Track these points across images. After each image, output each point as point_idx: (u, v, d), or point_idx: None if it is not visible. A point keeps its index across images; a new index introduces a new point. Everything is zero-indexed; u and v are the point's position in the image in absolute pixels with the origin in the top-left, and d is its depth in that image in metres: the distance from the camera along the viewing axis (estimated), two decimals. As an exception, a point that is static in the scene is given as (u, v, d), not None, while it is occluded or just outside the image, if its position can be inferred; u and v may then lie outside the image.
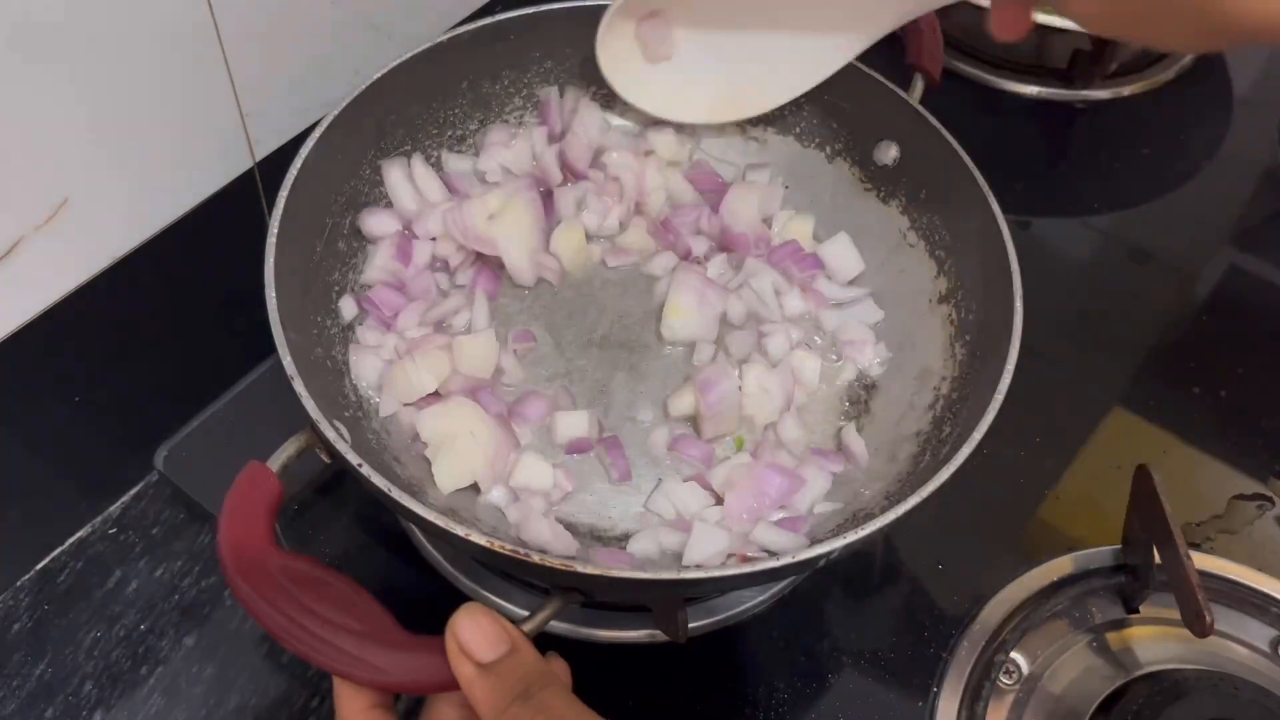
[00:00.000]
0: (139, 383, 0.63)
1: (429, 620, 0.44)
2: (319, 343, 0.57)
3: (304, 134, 0.58)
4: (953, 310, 0.62)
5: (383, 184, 0.64)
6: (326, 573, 0.43)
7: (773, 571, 0.46)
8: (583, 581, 0.46)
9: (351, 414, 0.56)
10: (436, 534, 0.46)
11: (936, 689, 0.60)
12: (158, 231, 0.59)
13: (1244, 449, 0.73)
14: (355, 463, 0.46)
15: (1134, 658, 0.61)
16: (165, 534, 0.64)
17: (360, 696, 0.42)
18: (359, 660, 0.41)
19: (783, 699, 0.60)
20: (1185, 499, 0.68)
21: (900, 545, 0.67)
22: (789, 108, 0.70)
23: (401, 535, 0.64)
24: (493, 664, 0.40)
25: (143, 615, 0.61)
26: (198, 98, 0.57)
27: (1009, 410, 0.51)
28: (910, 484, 0.54)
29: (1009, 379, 0.52)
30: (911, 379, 0.62)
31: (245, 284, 0.51)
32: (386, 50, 0.62)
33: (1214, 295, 0.84)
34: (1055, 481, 0.70)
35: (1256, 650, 0.62)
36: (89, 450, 0.64)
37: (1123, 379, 0.78)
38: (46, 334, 0.55)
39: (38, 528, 0.63)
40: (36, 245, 0.52)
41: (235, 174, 0.62)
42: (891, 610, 0.64)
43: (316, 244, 0.59)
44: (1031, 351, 0.53)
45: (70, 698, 0.58)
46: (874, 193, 0.68)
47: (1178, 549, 0.58)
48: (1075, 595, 0.64)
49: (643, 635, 0.61)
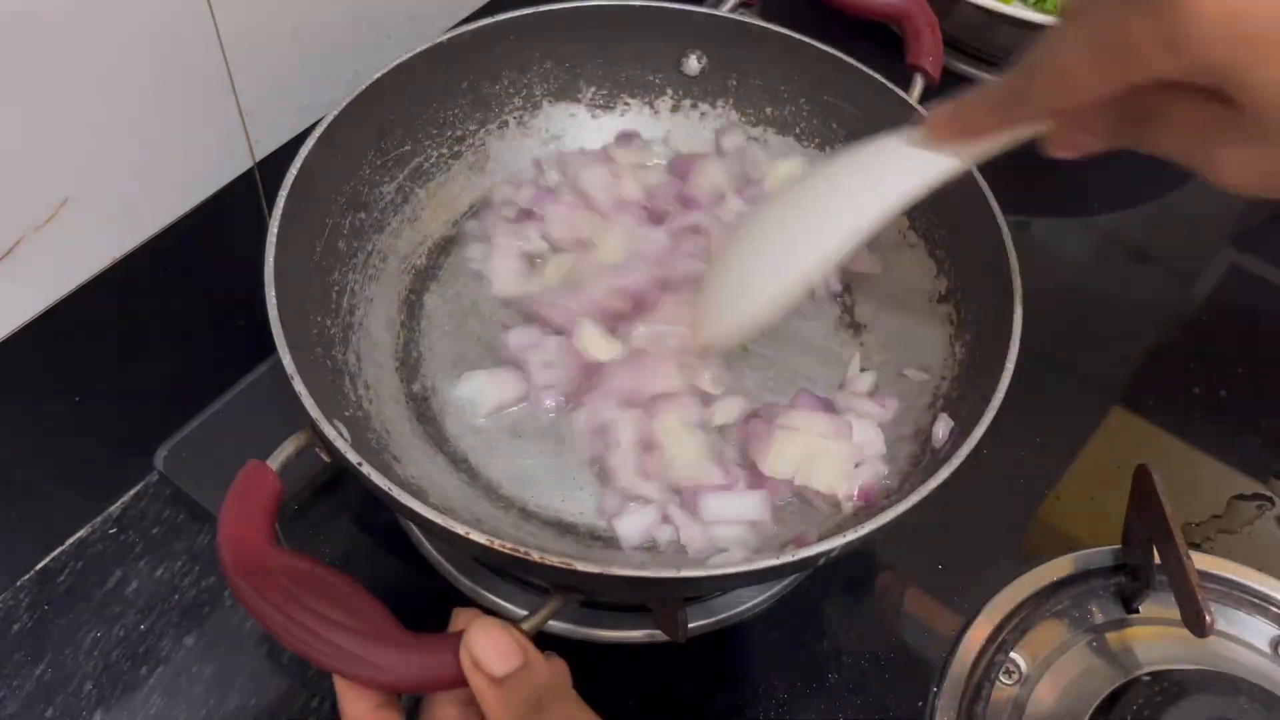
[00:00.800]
0: (139, 383, 0.63)
1: (429, 620, 0.44)
2: (319, 343, 0.57)
3: (304, 134, 0.58)
4: (953, 310, 0.62)
5: (382, 185, 0.65)
6: (327, 573, 0.43)
7: (773, 571, 0.46)
8: (583, 581, 0.46)
9: (351, 414, 0.56)
10: (436, 534, 0.46)
11: (936, 689, 0.60)
12: (158, 231, 0.59)
13: (1244, 449, 0.73)
14: (355, 462, 0.46)
15: (1134, 658, 0.61)
16: (165, 534, 0.64)
17: (366, 697, 0.42)
18: (359, 660, 0.41)
19: (783, 699, 0.60)
20: (1185, 499, 0.68)
21: (900, 545, 0.67)
22: (789, 107, 0.70)
23: (401, 535, 0.64)
24: (506, 677, 0.41)
25: (143, 615, 0.61)
26: (198, 98, 0.57)
27: (1009, 410, 0.51)
28: (910, 484, 0.54)
29: (1009, 379, 0.52)
30: (911, 379, 0.62)
31: (245, 284, 0.51)
32: (386, 50, 0.62)
33: (1214, 295, 0.84)
34: (1055, 481, 0.70)
35: (1256, 650, 0.62)
36: (89, 450, 0.64)
37: (1123, 379, 0.78)
38: (46, 334, 0.55)
39: (38, 528, 0.63)
40: (36, 245, 0.52)
41: (235, 174, 0.62)
42: (891, 610, 0.64)
43: (316, 244, 0.59)
44: (1031, 351, 0.53)
45: (70, 698, 0.58)
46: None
47: (1178, 549, 0.58)
48: (1075, 595, 0.64)
49: (643, 635, 0.61)
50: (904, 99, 0.65)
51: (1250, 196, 0.37)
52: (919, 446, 0.58)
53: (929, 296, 0.64)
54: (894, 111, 0.65)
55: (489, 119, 0.69)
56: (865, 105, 0.67)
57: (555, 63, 0.69)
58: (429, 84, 0.65)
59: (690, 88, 0.72)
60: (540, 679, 0.41)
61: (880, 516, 0.47)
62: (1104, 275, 0.85)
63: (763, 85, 0.71)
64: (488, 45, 0.66)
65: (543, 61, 0.69)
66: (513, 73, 0.69)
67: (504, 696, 0.40)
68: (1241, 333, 0.81)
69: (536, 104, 0.71)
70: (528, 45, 0.68)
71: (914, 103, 0.65)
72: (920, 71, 0.67)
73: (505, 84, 0.69)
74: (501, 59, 0.68)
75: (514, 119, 0.70)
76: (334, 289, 0.61)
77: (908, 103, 0.64)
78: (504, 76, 0.69)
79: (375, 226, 0.64)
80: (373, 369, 0.60)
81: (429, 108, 0.66)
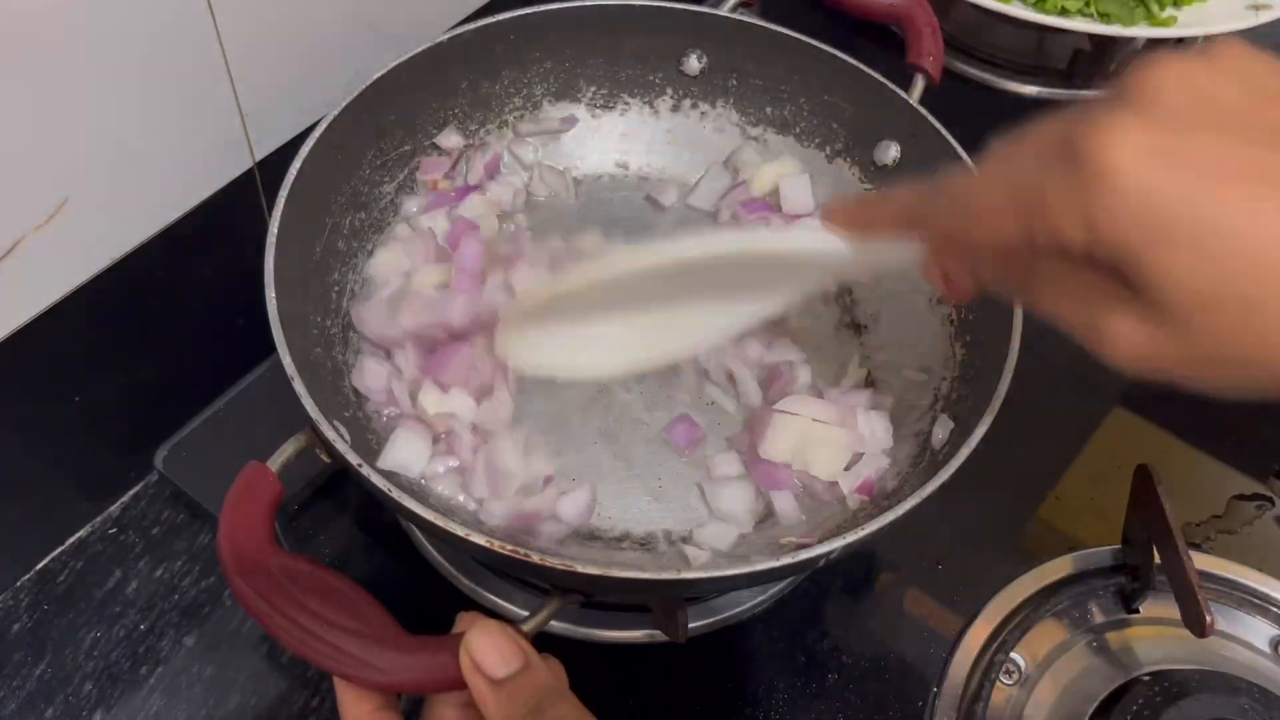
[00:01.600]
0: (139, 383, 0.63)
1: (429, 620, 0.44)
2: (319, 343, 0.57)
3: (304, 134, 0.58)
4: (953, 310, 0.62)
5: (382, 185, 0.64)
6: (326, 573, 0.43)
7: (773, 571, 0.46)
8: (583, 581, 0.46)
9: (351, 414, 0.56)
10: (436, 534, 0.46)
11: (936, 689, 0.60)
12: (158, 231, 0.59)
13: (1244, 449, 0.73)
14: (355, 463, 0.46)
15: (1134, 658, 0.61)
16: (165, 534, 0.64)
17: (366, 699, 0.42)
18: (359, 660, 0.41)
19: (783, 699, 0.60)
20: (1185, 499, 0.68)
21: (900, 545, 0.67)
22: (789, 107, 0.70)
23: (401, 535, 0.64)
24: (505, 679, 0.41)
25: (143, 615, 0.61)
26: (198, 98, 0.57)
27: (1009, 410, 0.51)
28: (910, 484, 0.54)
29: (1009, 379, 0.52)
30: (911, 379, 0.62)
31: (245, 284, 0.51)
32: (386, 50, 0.62)
33: (1214, 295, 0.83)
34: (1055, 481, 0.70)
35: (1256, 650, 0.62)
36: (89, 450, 0.64)
37: (1123, 379, 0.78)
38: (46, 334, 0.55)
39: (38, 528, 0.63)
40: (36, 245, 0.52)
41: (235, 174, 0.62)
42: (891, 610, 0.64)
43: (316, 244, 0.59)
44: (1031, 351, 0.53)
45: (70, 698, 0.58)
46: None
47: (1178, 549, 0.58)
48: (1075, 595, 0.64)
49: (643, 635, 0.61)
50: (904, 99, 0.65)
51: (1133, 374, 0.34)
52: (919, 446, 0.58)
53: (929, 297, 0.64)
54: (894, 111, 0.65)
55: (489, 119, 0.69)
56: (865, 105, 0.67)
57: (555, 63, 0.69)
58: (429, 84, 0.65)
59: (690, 88, 0.72)
60: (541, 682, 0.41)
61: (880, 518, 0.47)
62: (1104, 275, 0.85)
63: (763, 85, 0.70)
64: (488, 45, 0.66)
65: (543, 61, 0.69)
66: (513, 73, 0.69)
67: (504, 699, 0.40)
68: (1241, 333, 0.81)
69: (536, 104, 0.71)
70: (528, 45, 0.68)
71: (914, 103, 0.64)
72: (920, 71, 0.67)
73: (505, 84, 0.69)
74: (501, 59, 0.68)
75: (514, 119, 0.70)
76: (334, 289, 0.61)
77: (908, 103, 0.64)
78: (504, 76, 0.69)
79: (375, 226, 0.64)
80: (373, 369, 0.60)
81: (429, 108, 0.66)
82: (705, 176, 0.71)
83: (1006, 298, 0.39)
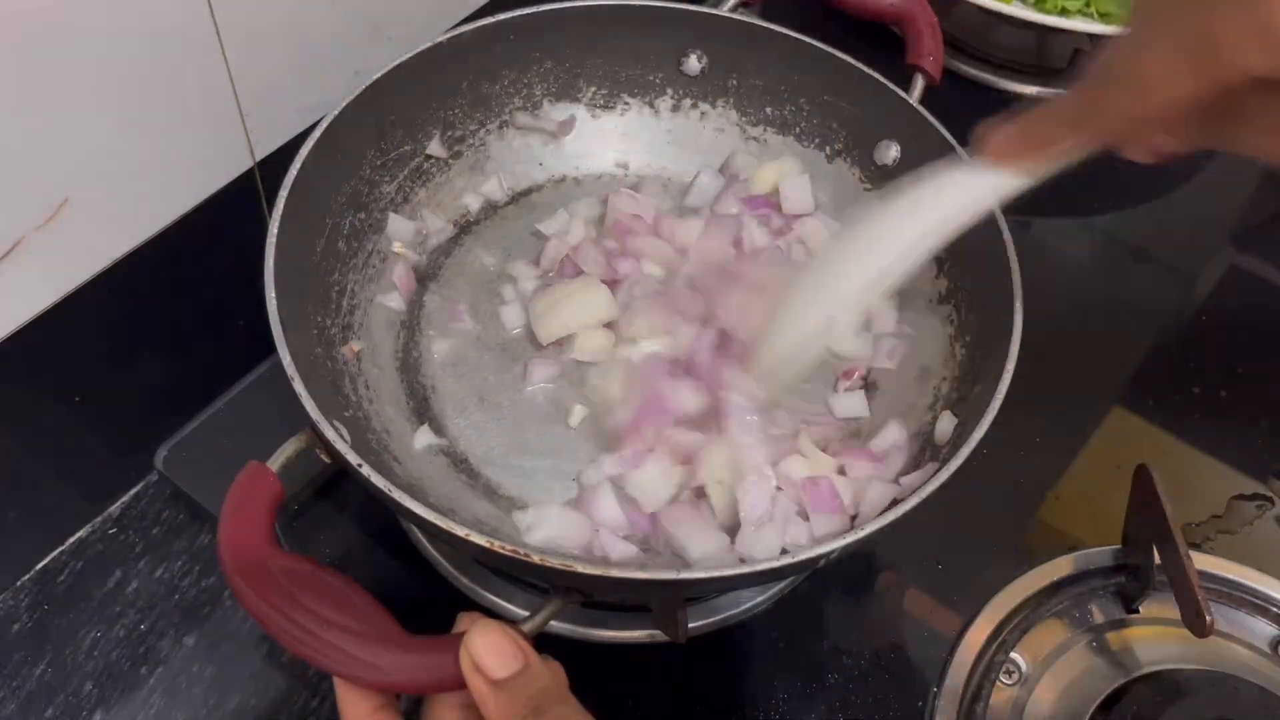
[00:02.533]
0: (139, 383, 0.63)
1: (429, 620, 0.44)
2: (319, 343, 0.57)
3: (304, 134, 0.58)
4: (953, 310, 0.62)
5: (382, 185, 0.64)
6: (326, 573, 0.43)
7: (773, 571, 0.46)
8: (583, 581, 0.46)
9: (351, 414, 0.56)
10: (436, 534, 0.46)
11: (936, 689, 0.60)
12: (158, 231, 0.59)
13: (1244, 449, 0.73)
14: (355, 463, 0.46)
15: (1134, 658, 0.61)
16: (165, 534, 0.64)
17: (366, 699, 0.42)
18: (359, 661, 0.41)
19: (783, 699, 0.60)
20: (1185, 499, 0.68)
21: (900, 545, 0.67)
22: (789, 107, 0.70)
23: (401, 535, 0.64)
24: (506, 680, 0.41)
25: (143, 615, 0.61)
26: (198, 98, 0.57)
27: (1009, 410, 0.51)
28: (910, 484, 0.54)
29: (1009, 379, 0.52)
30: (911, 379, 0.62)
31: (245, 284, 0.52)
32: (386, 50, 0.62)
33: (1214, 295, 0.84)
34: (1055, 481, 0.70)
35: (1256, 650, 0.62)
36: (89, 450, 0.64)
37: (1123, 379, 0.78)
38: (46, 334, 0.55)
39: (38, 528, 0.63)
40: (36, 245, 0.52)
41: (235, 174, 0.62)
42: (891, 610, 0.64)
43: (316, 244, 0.59)
44: (1031, 351, 0.53)
45: (70, 698, 0.58)
46: (874, 193, 0.68)
47: (1178, 549, 0.58)
48: (1075, 595, 0.64)
49: (643, 635, 0.61)
50: (904, 99, 0.65)
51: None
52: (919, 446, 0.58)
53: (929, 297, 0.64)
54: (894, 111, 0.65)
55: (489, 119, 0.69)
56: (865, 105, 0.67)
57: (555, 63, 0.69)
58: (429, 84, 0.65)
59: (690, 88, 0.72)
60: (541, 682, 0.41)
61: (880, 517, 0.47)
62: (1104, 275, 0.85)
63: (763, 85, 0.70)
64: (488, 45, 0.66)
65: (543, 61, 0.69)
66: (513, 73, 0.69)
67: (504, 699, 0.40)
68: (1241, 333, 0.81)
69: (537, 104, 0.71)
70: (528, 45, 0.68)
71: (914, 103, 0.65)
72: (920, 71, 0.67)
73: (505, 84, 0.69)
74: (501, 59, 0.68)
75: (514, 119, 0.70)
76: (334, 289, 0.61)
77: (908, 103, 0.64)
78: (504, 76, 0.69)
79: (375, 226, 0.65)
80: (373, 369, 0.60)
81: (429, 108, 0.66)
82: (705, 176, 0.71)
83: (1214, 147, 0.39)
